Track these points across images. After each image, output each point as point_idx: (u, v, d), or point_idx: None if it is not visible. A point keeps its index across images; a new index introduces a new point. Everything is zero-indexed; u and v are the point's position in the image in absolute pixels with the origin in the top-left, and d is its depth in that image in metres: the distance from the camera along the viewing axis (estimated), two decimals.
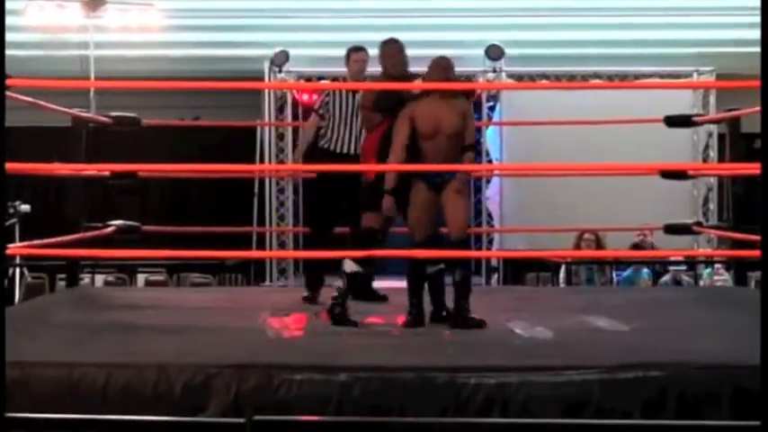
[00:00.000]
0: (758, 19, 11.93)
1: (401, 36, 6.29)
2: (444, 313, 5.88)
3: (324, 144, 6.79)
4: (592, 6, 12.07)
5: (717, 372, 4.38)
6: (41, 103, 6.60)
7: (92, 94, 10.97)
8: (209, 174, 8.40)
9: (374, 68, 6.39)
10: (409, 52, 6.20)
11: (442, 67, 5.92)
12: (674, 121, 7.74)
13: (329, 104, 6.79)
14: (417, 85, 6.01)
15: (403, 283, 6.01)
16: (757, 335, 5.45)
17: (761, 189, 3.84)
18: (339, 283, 5.88)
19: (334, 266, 6.18)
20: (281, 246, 11.77)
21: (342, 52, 6.85)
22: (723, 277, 9.63)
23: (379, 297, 6.72)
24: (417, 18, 11.56)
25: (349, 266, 5.90)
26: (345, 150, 6.71)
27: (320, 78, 11.23)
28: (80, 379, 4.34)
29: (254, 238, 11.25)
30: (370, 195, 5.94)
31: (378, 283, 6.80)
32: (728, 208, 8.79)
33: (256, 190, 11.72)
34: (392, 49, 6.13)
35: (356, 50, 6.83)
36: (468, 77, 10.86)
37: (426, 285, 5.87)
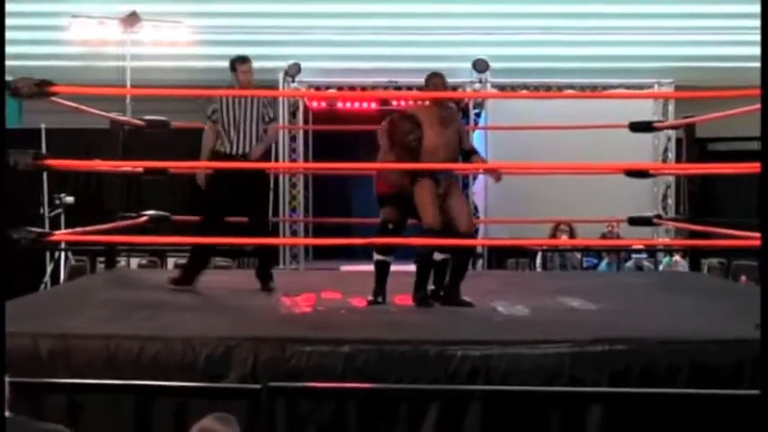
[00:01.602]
0: (713, 38, 11.82)
1: (399, 51, 6.27)
2: (441, 293, 5.88)
3: (218, 147, 6.43)
4: (566, 26, 12.04)
5: (676, 346, 4.37)
6: (84, 107, 6.58)
7: (128, 100, 10.93)
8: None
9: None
10: (406, 65, 6.21)
11: (443, 81, 5.94)
12: (637, 127, 7.72)
13: (218, 111, 6.39)
14: (411, 95, 5.99)
15: (400, 267, 6.00)
16: (710, 314, 5.45)
17: (760, 189, 3.76)
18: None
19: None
20: (294, 234, 11.74)
21: (347, 65, 6.77)
22: (681, 263, 9.60)
23: (268, 284, 6.48)
24: (413, 35, 11.51)
25: (375, 256, 5.91)
26: (236, 151, 6.37)
27: (328, 87, 11.21)
28: (116, 349, 4.32)
29: (270, 226, 11.21)
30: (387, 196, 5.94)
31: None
32: (684, 203, 8.76)
33: (272, 185, 11.69)
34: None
35: (242, 61, 6.44)
36: (456, 87, 10.82)
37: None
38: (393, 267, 5.96)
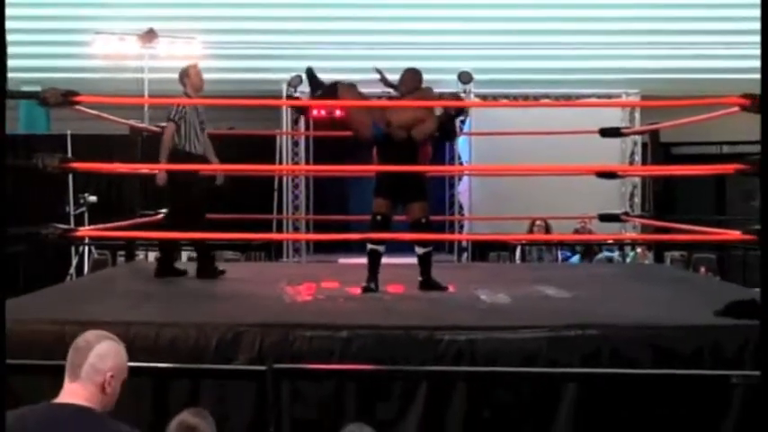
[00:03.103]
0: (675, 52, 11.77)
1: (390, 64, 6.28)
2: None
3: (180, 147, 6.35)
4: (543, 42, 12.09)
5: (642, 331, 4.37)
6: (106, 115, 6.55)
7: (145, 109, 10.89)
8: (240, 171, 8.34)
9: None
10: (397, 77, 6.20)
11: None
12: (606, 133, 7.72)
13: (185, 115, 6.34)
14: (399, 103, 5.96)
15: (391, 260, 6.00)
16: (673, 302, 5.45)
17: (761, 188, 3.71)
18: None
19: None
20: (296, 230, 11.74)
21: (343, 77, 6.73)
22: (646, 256, 9.61)
23: (180, 272, 6.49)
24: (404, 50, 11.50)
25: (367, 246, 5.89)
26: (196, 151, 6.38)
27: None
28: (135, 335, 4.30)
29: (274, 223, 11.20)
30: (378, 185, 5.93)
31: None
32: (649, 201, 8.76)
33: (276, 185, 11.69)
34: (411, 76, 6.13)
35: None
36: (443, 96, 10.80)
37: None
38: (385, 260, 5.95)
